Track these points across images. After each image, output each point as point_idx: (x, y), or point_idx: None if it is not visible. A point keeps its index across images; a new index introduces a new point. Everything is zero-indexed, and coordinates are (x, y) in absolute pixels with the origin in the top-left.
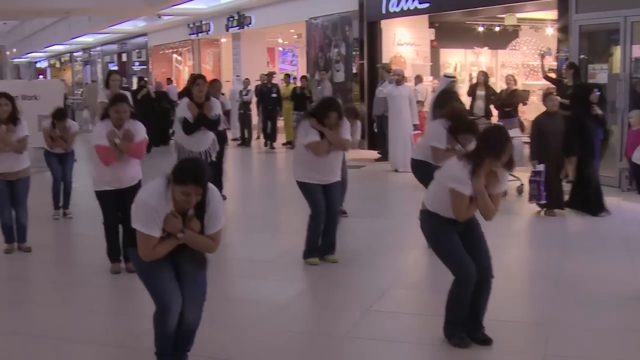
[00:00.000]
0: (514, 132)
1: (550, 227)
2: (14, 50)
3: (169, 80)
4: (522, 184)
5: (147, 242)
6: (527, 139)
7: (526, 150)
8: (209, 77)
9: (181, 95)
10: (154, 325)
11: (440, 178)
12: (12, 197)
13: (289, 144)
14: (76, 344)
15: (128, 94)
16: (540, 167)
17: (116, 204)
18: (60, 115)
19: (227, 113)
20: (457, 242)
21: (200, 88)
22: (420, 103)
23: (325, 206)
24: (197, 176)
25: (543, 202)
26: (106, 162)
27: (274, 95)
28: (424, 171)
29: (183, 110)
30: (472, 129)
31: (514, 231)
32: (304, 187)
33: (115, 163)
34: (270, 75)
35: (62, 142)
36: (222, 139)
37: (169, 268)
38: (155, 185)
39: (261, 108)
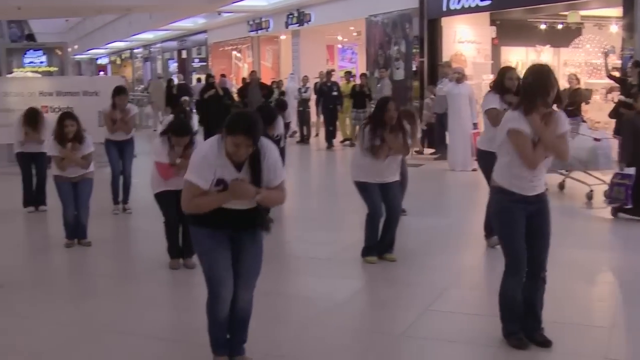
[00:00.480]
0: (584, 131)
1: (625, 231)
2: (76, 47)
3: (223, 76)
4: (592, 190)
5: (189, 190)
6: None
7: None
8: (268, 75)
9: (240, 92)
10: (207, 313)
11: (500, 134)
12: (75, 197)
13: (347, 141)
14: (136, 337)
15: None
16: (630, 171)
17: (175, 202)
18: (120, 90)
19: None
20: (519, 229)
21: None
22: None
23: (386, 206)
24: (247, 127)
25: (629, 206)
26: (166, 177)
27: (335, 93)
28: (487, 161)
29: None
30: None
31: (585, 233)
32: (361, 186)
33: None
34: (330, 73)
35: (123, 124)
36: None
37: (226, 255)
38: (212, 139)
39: (321, 106)
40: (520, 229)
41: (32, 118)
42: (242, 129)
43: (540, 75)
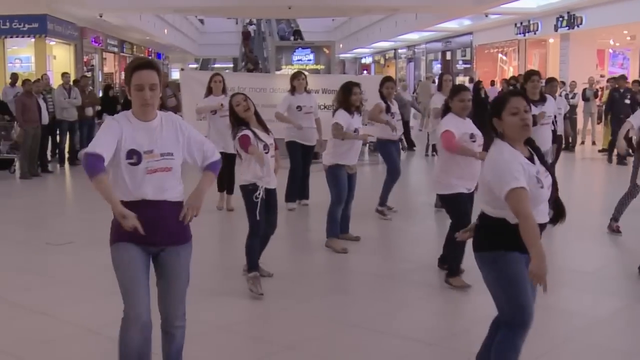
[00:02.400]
0: None
1: None
2: (341, 45)
3: (492, 83)
4: None
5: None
6: None
7: None
8: None
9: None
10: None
11: None
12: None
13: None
14: (391, 337)
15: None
16: None
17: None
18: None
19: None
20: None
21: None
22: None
23: None
24: None
25: None
26: (450, 148)
27: (627, 101)
28: None
29: None
30: None
31: None
32: None
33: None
34: (623, 78)
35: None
36: None
37: None
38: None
39: (610, 116)
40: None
41: None
42: None
43: None
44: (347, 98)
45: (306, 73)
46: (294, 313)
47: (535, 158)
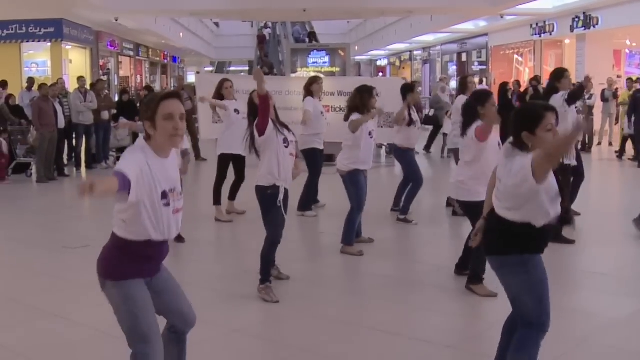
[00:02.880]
0: None
1: None
2: (356, 48)
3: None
4: None
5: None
6: None
7: None
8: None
9: (520, 97)
10: None
11: None
12: None
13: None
14: (407, 340)
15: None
16: None
17: None
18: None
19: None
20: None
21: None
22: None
23: None
24: None
25: None
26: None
27: None
28: None
29: None
30: None
31: None
32: None
33: None
34: None
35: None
36: None
37: None
38: None
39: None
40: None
41: None
42: None
43: None
44: (365, 102)
45: (322, 76)
46: (308, 316)
47: None
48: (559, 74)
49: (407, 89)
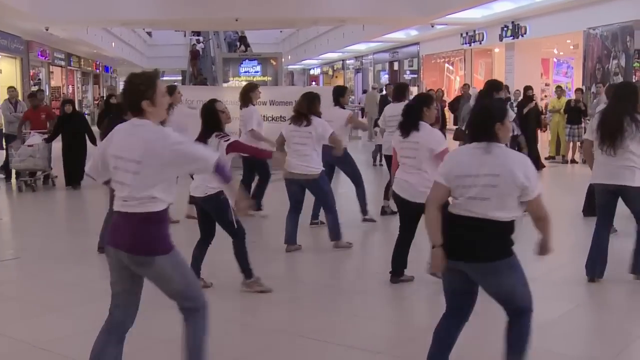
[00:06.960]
0: None
1: None
2: (289, 57)
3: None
4: None
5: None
6: None
7: None
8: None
9: (451, 105)
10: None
11: None
12: None
13: (553, 158)
14: (336, 346)
15: None
16: None
17: None
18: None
19: None
20: None
21: None
22: None
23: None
24: None
25: None
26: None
27: None
28: None
29: None
30: None
31: None
32: None
33: None
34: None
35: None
36: None
37: None
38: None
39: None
40: None
41: None
42: None
43: None
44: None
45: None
46: (237, 325)
47: None
48: (498, 86)
49: (339, 93)
